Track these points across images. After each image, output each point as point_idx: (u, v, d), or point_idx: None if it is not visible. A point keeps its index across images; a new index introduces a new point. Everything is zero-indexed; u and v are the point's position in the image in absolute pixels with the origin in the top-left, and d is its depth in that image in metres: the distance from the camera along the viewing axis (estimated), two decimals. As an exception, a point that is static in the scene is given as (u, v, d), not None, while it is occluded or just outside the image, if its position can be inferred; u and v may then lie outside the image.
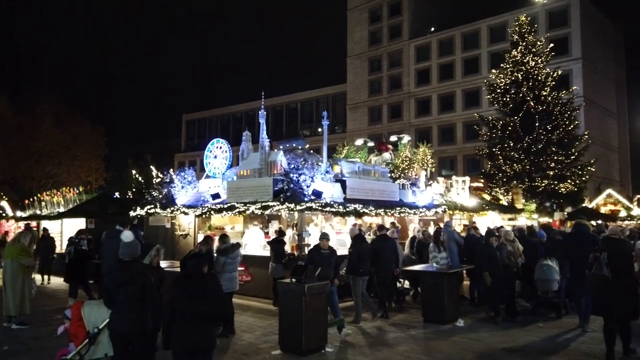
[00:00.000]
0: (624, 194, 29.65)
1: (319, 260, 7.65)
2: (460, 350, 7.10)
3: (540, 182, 23.16)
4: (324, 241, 7.92)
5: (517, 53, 24.62)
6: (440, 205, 15.11)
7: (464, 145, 43.00)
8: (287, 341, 7.03)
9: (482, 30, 44.78)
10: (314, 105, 56.58)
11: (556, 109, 23.74)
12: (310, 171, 11.22)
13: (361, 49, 52.70)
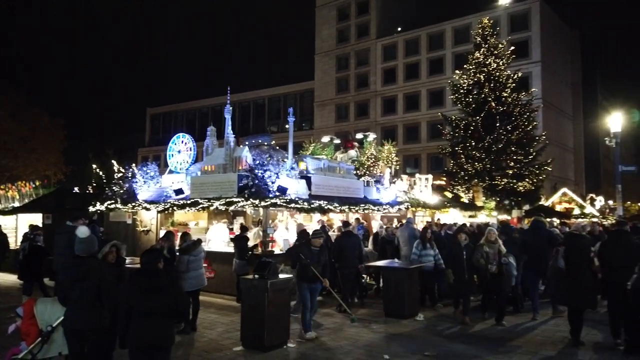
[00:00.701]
0: (578, 192, 31.01)
1: (309, 257, 7.45)
2: (419, 344, 7.28)
3: (499, 181, 23.92)
4: (316, 239, 7.65)
5: (480, 55, 25.30)
6: (403, 202, 15.39)
7: (428, 144, 43.84)
8: (249, 337, 7.03)
9: (447, 32, 45.73)
10: (282, 101, 56.38)
11: (516, 110, 24.56)
12: (275, 167, 11.23)
13: (329, 47, 52.86)
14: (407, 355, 6.72)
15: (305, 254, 7.48)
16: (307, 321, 7.53)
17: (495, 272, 8.27)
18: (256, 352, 6.79)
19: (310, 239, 7.77)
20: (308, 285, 7.51)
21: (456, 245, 8.74)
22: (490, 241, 8.47)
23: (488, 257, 8.31)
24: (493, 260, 8.26)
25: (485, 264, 8.29)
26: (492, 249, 8.38)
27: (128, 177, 14.04)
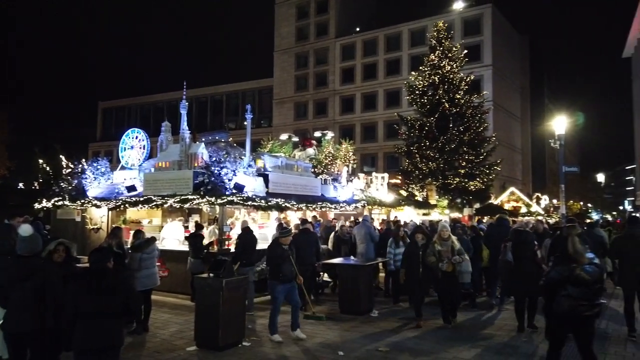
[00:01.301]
0: (525, 192, 32.50)
1: (281, 255, 7.38)
2: (374, 340, 7.42)
3: (452, 180, 24.69)
4: (285, 237, 7.56)
5: (435, 57, 25.98)
6: (360, 200, 15.59)
7: (385, 143, 44.60)
8: (203, 336, 6.95)
9: (404, 33, 46.63)
10: (240, 98, 55.72)
11: (468, 111, 25.41)
12: (232, 164, 11.10)
13: (288, 44, 52.72)
14: (361, 350, 6.83)
15: (279, 254, 7.37)
16: (274, 323, 7.43)
17: (448, 270, 7.97)
18: (210, 352, 6.71)
19: (278, 237, 7.69)
20: (284, 287, 7.39)
21: (413, 245, 8.52)
22: (443, 239, 8.11)
23: (440, 255, 7.93)
24: (445, 258, 7.90)
25: (436, 262, 7.91)
26: (444, 246, 8.01)
27: (77, 173, 13.49)
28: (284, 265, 7.32)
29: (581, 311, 4.95)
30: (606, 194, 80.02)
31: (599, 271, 5.10)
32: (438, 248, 8.00)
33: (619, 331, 7.86)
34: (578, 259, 5.05)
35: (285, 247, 7.46)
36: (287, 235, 7.60)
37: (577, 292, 4.96)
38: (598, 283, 5.05)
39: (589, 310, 4.97)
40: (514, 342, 7.32)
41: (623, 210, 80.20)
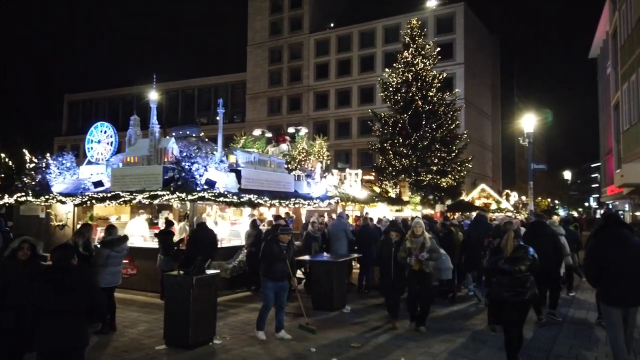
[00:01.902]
0: (495, 188, 33.20)
1: (274, 253, 7.16)
2: (346, 336, 7.42)
3: (425, 177, 24.98)
4: (284, 235, 7.33)
5: (408, 54, 26.17)
6: (333, 197, 15.59)
7: (359, 139, 44.79)
8: (173, 335, 6.80)
9: (378, 30, 46.84)
10: (212, 92, 54.97)
11: (441, 109, 25.72)
12: (203, 160, 10.90)
13: (262, 39, 52.24)
14: (334, 347, 6.82)
15: (275, 252, 7.16)
16: (262, 319, 7.28)
17: (415, 268, 7.48)
18: (180, 350, 6.58)
19: (278, 234, 7.41)
20: (274, 285, 7.19)
21: (386, 243, 8.00)
22: (415, 235, 7.66)
23: (409, 251, 7.52)
24: (414, 255, 7.47)
25: (405, 257, 7.57)
26: (415, 243, 7.57)
27: (41, 168, 13.02)
28: (276, 264, 7.10)
29: (506, 297, 5.67)
30: (572, 191, 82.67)
31: (528, 263, 5.69)
32: (408, 245, 7.62)
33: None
34: (505, 252, 5.77)
35: (284, 244, 7.23)
36: (285, 233, 7.36)
37: (502, 280, 5.74)
38: (522, 273, 5.66)
39: (513, 297, 5.62)
40: (483, 337, 7.44)
41: (588, 206, 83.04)
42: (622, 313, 5.37)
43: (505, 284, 5.70)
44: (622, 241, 5.39)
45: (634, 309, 5.47)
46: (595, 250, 5.55)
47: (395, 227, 8.23)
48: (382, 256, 8.07)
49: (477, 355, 6.57)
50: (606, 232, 5.58)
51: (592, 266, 5.54)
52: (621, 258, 5.29)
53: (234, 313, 8.96)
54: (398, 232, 8.04)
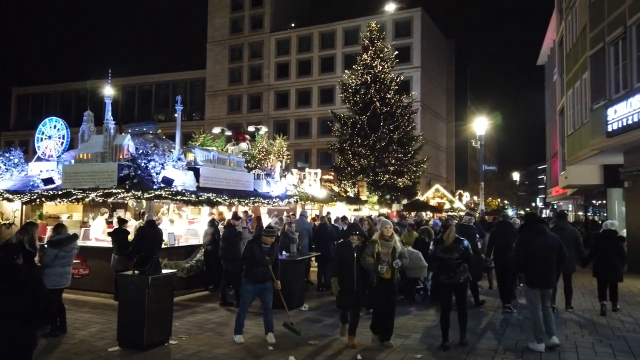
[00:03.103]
0: (448, 189, 34.28)
1: (254, 255, 6.98)
2: (304, 334, 7.51)
3: (382, 177, 25.50)
4: (267, 237, 7.11)
5: (367, 57, 26.63)
6: (293, 196, 15.69)
7: (318, 139, 45.05)
8: (126, 336, 6.68)
9: (338, 32, 47.28)
10: (171, 88, 53.78)
11: (398, 111, 26.33)
12: (161, 157, 10.75)
13: (222, 36, 51.60)
14: (292, 345, 6.90)
15: (256, 253, 6.95)
16: (238, 322, 7.12)
17: (386, 277, 6.58)
18: (134, 352, 6.48)
19: (262, 235, 7.23)
20: (254, 287, 7.02)
21: (346, 248, 6.76)
22: (385, 238, 6.66)
23: (379, 257, 6.53)
24: (385, 261, 6.51)
25: (374, 264, 6.49)
26: (385, 247, 6.60)
27: (-15, 164, 12.42)
28: (256, 266, 6.94)
29: (441, 279, 6.72)
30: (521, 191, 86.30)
31: (459, 253, 6.66)
32: (378, 249, 6.56)
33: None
34: (447, 242, 6.75)
35: (266, 246, 7.04)
36: (269, 235, 7.13)
37: (440, 266, 6.75)
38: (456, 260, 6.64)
39: (447, 279, 6.65)
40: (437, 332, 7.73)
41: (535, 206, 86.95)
42: (540, 294, 6.59)
43: (442, 269, 6.72)
44: (541, 234, 6.65)
45: (548, 290, 6.70)
46: (522, 242, 6.70)
47: (356, 230, 6.97)
48: (341, 263, 6.66)
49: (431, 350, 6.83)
50: (529, 228, 6.83)
51: (520, 255, 6.68)
52: (540, 248, 6.53)
53: (190, 313, 8.88)
54: (360, 237, 6.81)
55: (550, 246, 6.60)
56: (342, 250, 6.81)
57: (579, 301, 9.96)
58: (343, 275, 6.63)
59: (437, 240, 7.11)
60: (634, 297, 10.50)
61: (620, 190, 17.13)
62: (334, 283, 6.74)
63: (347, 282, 6.59)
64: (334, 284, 6.74)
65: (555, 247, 6.65)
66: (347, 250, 6.69)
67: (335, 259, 6.89)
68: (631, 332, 7.50)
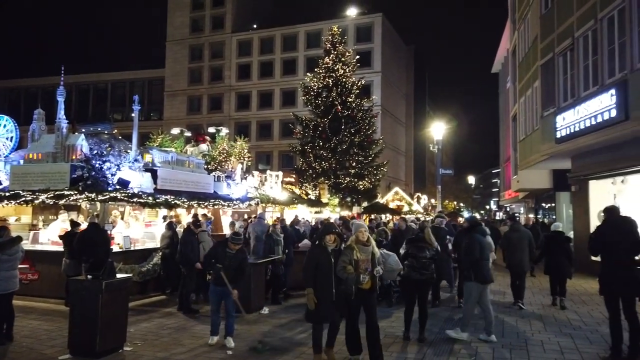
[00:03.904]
0: (407, 192, 34.96)
1: (222, 259, 6.83)
2: (262, 339, 7.48)
3: (343, 179, 25.75)
4: (233, 244, 6.96)
5: (329, 60, 26.86)
6: (254, 198, 15.57)
7: (280, 141, 44.96)
8: (78, 343, 6.43)
9: (300, 34, 47.42)
10: (128, 87, 52.31)
11: (359, 114, 26.68)
12: (116, 158, 10.43)
13: (182, 35, 50.68)
14: (249, 350, 6.85)
15: (219, 256, 6.89)
16: (212, 324, 7.08)
17: (366, 288, 5.79)
18: (86, 359, 6.25)
19: (228, 241, 7.09)
20: (215, 288, 7.00)
21: (322, 252, 5.83)
22: (362, 242, 5.86)
23: (357, 265, 5.71)
24: (366, 270, 5.72)
25: (354, 273, 5.66)
26: (364, 253, 5.79)
27: None
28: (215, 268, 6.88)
29: (412, 276, 7.09)
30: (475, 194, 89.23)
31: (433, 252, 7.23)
32: (357, 255, 5.75)
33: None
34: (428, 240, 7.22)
35: (230, 252, 6.93)
36: (235, 242, 6.99)
37: (412, 264, 7.14)
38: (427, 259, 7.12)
39: (417, 276, 7.05)
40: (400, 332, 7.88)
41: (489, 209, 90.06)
42: (479, 289, 7.19)
43: (413, 266, 7.13)
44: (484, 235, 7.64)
45: (487, 286, 7.34)
46: (473, 243, 7.36)
47: (334, 230, 6.02)
48: (317, 270, 5.74)
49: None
50: (476, 230, 7.62)
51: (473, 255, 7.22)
52: (484, 248, 7.30)
53: (146, 318, 8.66)
54: (337, 237, 5.92)
55: (488, 244, 7.50)
56: (318, 255, 5.84)
57: (529, 299, 10.39)
58: (320, 284, 5.71)
59: (411, 239, 7.55)
60: (580, 295, 11.06)
61: (567, 194, 18.01)
62: (309, 295, 5.68)
63: (324, 292, 5.69)
64: (309, 296, 5.68)
65: (491, 247, 7.61)
66: (324, 256, 5.80)
67: (310, 265, 5.81)
68: (577, 329, 7.89)
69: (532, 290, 11.63)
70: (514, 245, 9.83)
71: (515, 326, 8.09)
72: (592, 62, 13.26)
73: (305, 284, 5.81)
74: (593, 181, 15.12)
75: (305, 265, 5.89)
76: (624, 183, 13.75)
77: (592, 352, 6.57)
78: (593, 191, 15.19)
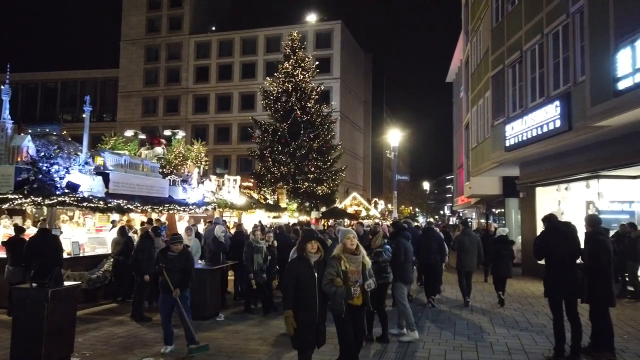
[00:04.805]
0: (365, 197, 35.44)
1: (164, 262, 6.67)
2: (217, 344, 7.38)
3: (302, 184, 25.81)
4: (173, 244, 6.80)
5: (289, 65, 26.93)
6: (210, 203, 15.34)
7: (239, 145, 44.54)
8: (21, 355, 6.10)
9: (260, 38, 47.27)
10: (79, 87, 50.41)
11: (318, 120, 26.88)
12: (65, 161, 10.04)
13: (137, 35, 49.38)
14: (205, 355, 6.74)
15: (163, 261, 6.74)
16: (164, 333, 6.86)
17: (356, 304, 5.11)
18: (31, 371, 5.95)
19: (169, 243, 6.96)
20: (164, 296, 6.79)
21: (303, 265, 4.84)
22: (350, 251, 5.14)
23: (347, 277, 4.94)
24: (356, 282, 5.00)
25: (344, 287, 4.86)
26: (354, 263, 5.08)
27: None
28: (160, 276, 6.76)
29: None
30: (430, 200, 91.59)
31: (386, 257, 7.28)
32: (346, 266, 4.99)
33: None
34: (374, 246, 7.31)
35: (172, 254, 6.78)
36: (174, 242, 6.86)
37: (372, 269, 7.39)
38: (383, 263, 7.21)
39: (379, 280, 6.84)
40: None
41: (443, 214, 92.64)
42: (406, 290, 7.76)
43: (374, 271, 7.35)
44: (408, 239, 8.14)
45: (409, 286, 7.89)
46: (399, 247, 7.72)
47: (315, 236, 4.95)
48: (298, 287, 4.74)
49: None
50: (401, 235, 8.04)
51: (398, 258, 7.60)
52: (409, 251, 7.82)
53: (96, 327, 8.34)
54: (320, 245, 4.90)
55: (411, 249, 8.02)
56: (299, 269, 4.82)
57: (480, 301, 10.77)
58: (301, 304, 4.71)
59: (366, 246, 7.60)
60: (527, 298, 11.57)
61: (516, 200, 18.82)
62: (288, 318, 4.66)
63: (307, 313, 4.72)
64: (288, 320, 4.66)
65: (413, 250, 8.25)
66: (305, 269, 4.80)
67: (289, 282, 4.79)
68: (524, 330, 8.25)
69: (482, 293, 12.06)
70: (465, 248, 10.62)
71: (467, 328, 8.36)
72: (539, 75, 13.95)
73: (284, 305, 4.80)
74: (539, 188, 15.88)
75: (284, 282, 4.92)
76: (567, 190, 14.52)
77: (538, 352, 6.89)
78: (539, 197, 15.96)
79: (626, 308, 10.05)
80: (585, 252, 6.53)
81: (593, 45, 10.69)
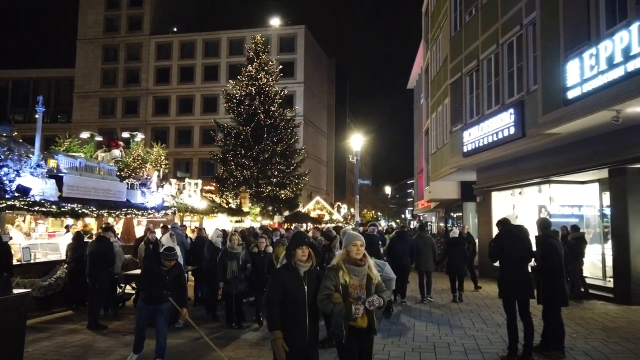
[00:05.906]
0: (328, 201, 35.63)
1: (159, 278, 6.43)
2: (176, 352, 7.23)
3: (265, 188, 25.68)
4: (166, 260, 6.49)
5: (252, 69, 26.81)
6: (170, 207, 15.05)
7: (201, 148, 43.87)
8: (-35, 368, 5.79)
9: (223, 41, 46.82)
10: (32, 86, 48.37)
11: (282, 124, 26.85)
12: (15, 163, 9.64)
13: (95, 34, 47.91)
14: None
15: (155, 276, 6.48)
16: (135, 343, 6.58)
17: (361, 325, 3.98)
18: (-25, 385, 5.65)
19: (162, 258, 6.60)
20: (146, 306, 6.53)
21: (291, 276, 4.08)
22: (354, 261, 4.09)
23: (347, 292, 3.99)
24: (359, 299, 3.95)
25: (343, 305, 3.93)
26: (356, 275, 4.05)
27: None
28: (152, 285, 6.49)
29: None
30: (392, 204, 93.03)
31: None
32: (345, 279, 4.03)
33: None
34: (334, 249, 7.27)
35: (165, 269, 6.51)
36: (168, 259, 6.51)
37: None
38: None
39: None
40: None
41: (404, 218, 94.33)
42: None
43: None
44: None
45: None
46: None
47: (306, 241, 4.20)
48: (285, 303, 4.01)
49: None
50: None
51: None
52: None
53: (47, 336, 8.00)
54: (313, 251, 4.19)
55: None
56: (285, 281, 4.05)
57: (437, 300, 11.03)
58: (289, 323, 3.98)
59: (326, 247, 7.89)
60: (484, 299, 11.93)
61: (473, 204, 19.40)
62: (277, 340, 3.91)
63: (296, 334, 3.98)
64: (277, 342, 3.91)
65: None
66: (294, 281, 4.05)
67: (275, 296, 4.02)
68: (479, 331, 8.51)
69: (441, 295, 12.35)
70: (420, 250, 11.47)
71: (425, 330, 8.55)
72: (495, 83, 14.48)
73: (270, 325, 4.02)
74: (495, 192, 16.44)
75: (267, 297, 4.10)
76: (521, 194, 15.11)
77: (493, 352, 7.12)
78: (495, 201, 16.52)
79: (574, 307, 10.54)
80: (537, 254, 6.82)
81: (544, 55, 11.20)
